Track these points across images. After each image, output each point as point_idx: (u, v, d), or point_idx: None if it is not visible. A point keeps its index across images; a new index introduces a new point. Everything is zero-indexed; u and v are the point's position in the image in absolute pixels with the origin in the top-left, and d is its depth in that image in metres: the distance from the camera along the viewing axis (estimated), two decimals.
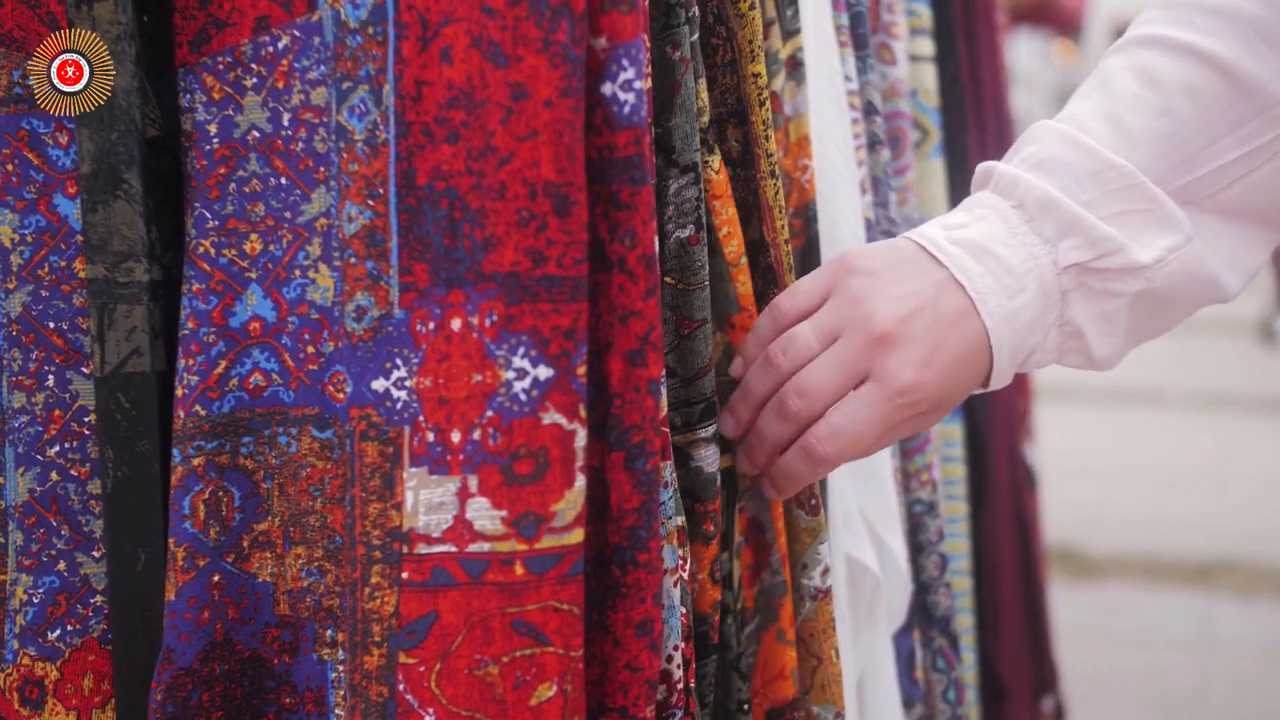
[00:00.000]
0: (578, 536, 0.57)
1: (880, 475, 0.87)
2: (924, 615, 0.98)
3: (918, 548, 0.96)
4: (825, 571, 0.73)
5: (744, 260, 0.68)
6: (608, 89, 0.57)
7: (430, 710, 0.57)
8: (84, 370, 0.64)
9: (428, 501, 0.58)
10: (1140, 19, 0.70)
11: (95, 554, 0.65)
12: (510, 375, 0.57)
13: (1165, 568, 3.19)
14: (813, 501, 0.72)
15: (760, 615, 0.70)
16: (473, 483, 0.57)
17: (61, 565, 0.64)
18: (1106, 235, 0.65)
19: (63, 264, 0.63)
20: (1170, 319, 0.69)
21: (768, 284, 0.72)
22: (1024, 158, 0.68)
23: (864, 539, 0.84)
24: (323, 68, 0.61)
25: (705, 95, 0.66)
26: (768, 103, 0.70)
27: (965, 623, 1.12)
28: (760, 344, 0.69)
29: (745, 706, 0.68)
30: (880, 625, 0.87)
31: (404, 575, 0.58)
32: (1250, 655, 2.70)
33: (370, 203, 0.59)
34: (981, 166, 0.70)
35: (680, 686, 0.64)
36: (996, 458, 1.22)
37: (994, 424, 1.22)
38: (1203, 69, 0.65)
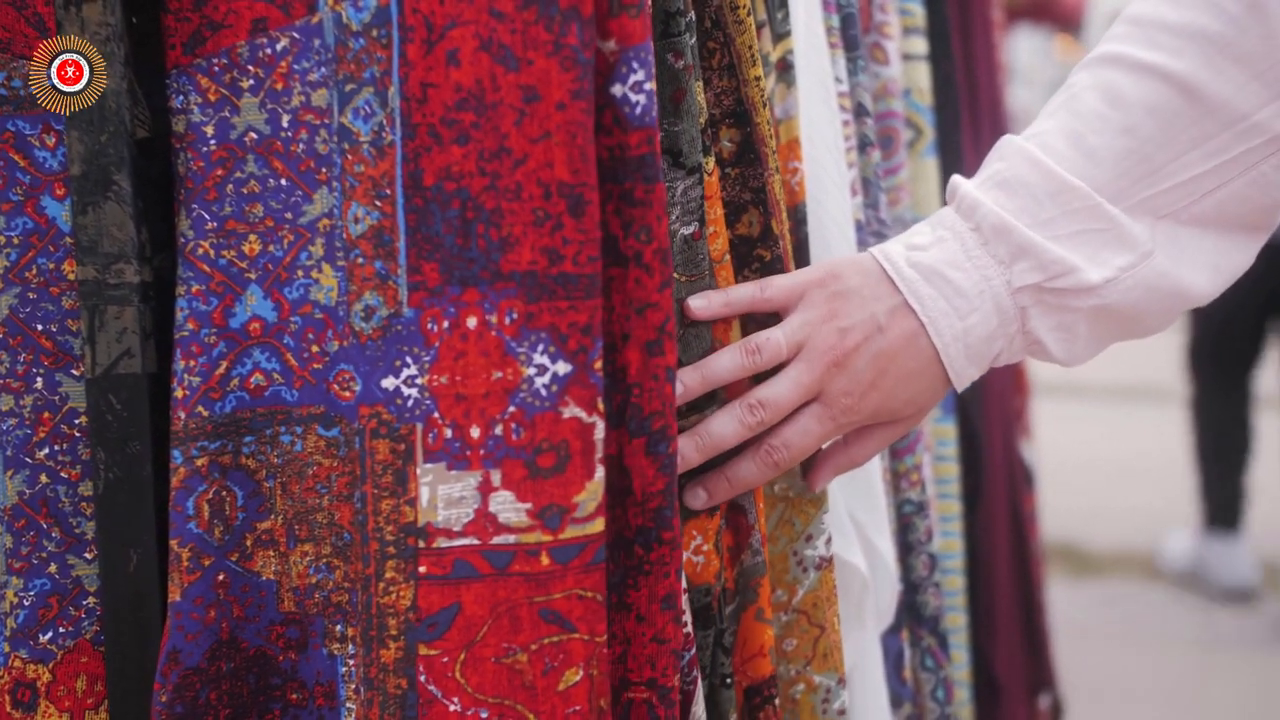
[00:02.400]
0: (599, 526, 0.59)
1: (870, 477, 0.88)
2: (913, 615, 0.98)
3: (907, 548, 0.96)
4: (829, 540, 0.76)
5: (727, 258, 0.71)
6: (618, 90, 0.59)
7: (455, 699, 0.59)
8: (73, 372, 0.64)
9: (446, 496, 0.59)
10: (1110, 34, 0.72)
11: (87, 556, 0.65)
12: (531, 371, 0.58)
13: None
14: None
15: (740, 595, 0.72)
16: (495, 477, 0.59)
17: (53, 568, 0.65)
18: (1057, 259, 0.69)
19: (51, 266, 0.64)
20: (1144, 326, 0.73)
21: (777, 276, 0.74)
22: (990, 175, 0.73)
23: (852, 540, 0.85)
24: (323, 70, 0.62)
25: (702, 98, 0.68)
26: (770, 104, 0.72)
27: (958, 621, 1.12)
28: (732, 306, 0.72)
29: (728, 680, 0.70)
30: (868, 625, 0.87)
31: (421, 569, 0.60)
32: (1250, 651, 2.70)
33: (378, 203, 0.60)
34: (953, 181, 0.74)
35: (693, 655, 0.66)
36: (991, 456, 1.22)
37: (989, 422, 1.22)
38: (1164, 88, 0.68)
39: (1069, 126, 0.71)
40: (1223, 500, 3.09)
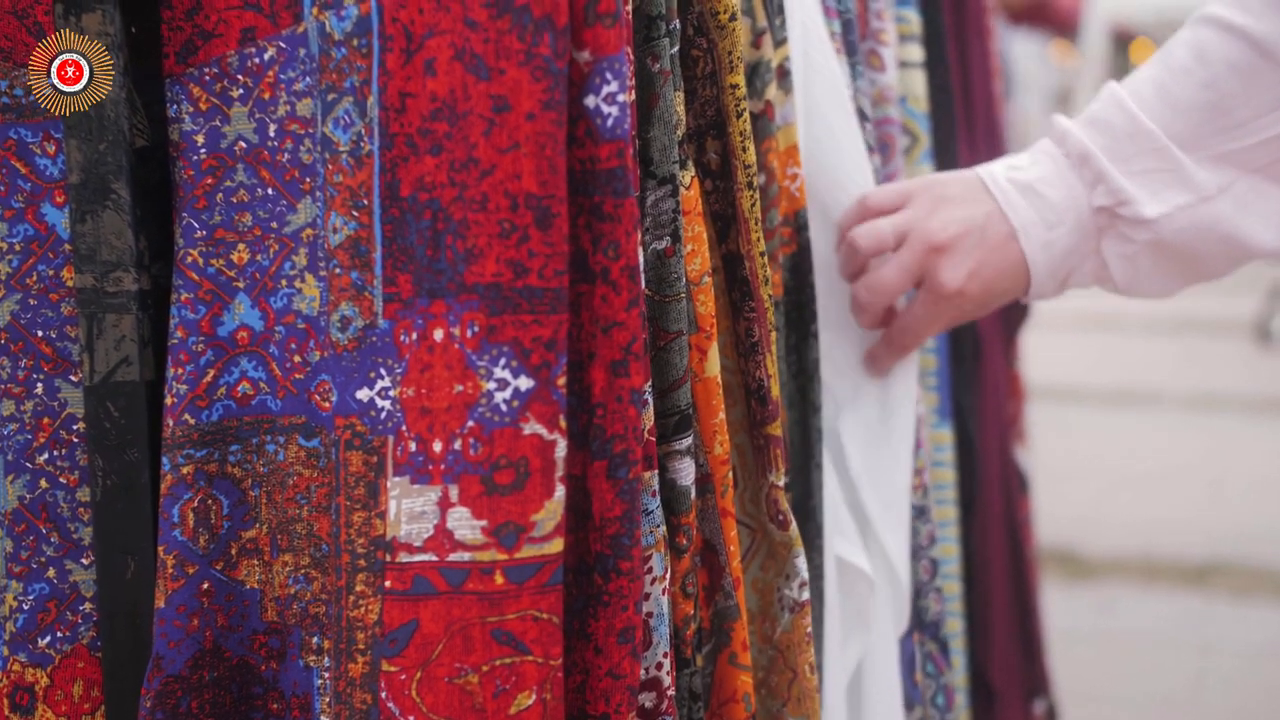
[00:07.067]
0: (557, 546, 0.57)
1: (894, 472, 0.87)
2: (915, 619, 0.98)
3: (909, 552, 0.96)
4: (803, 585, 0.75)
5: (706, 279, 0.69)
6: (590, 102, 0.58)
7: (411, 718, 0.57)
8: (72, 378, 0.64)
9: (409, 510, 0.58)
10: None
11: (84, 561, 0.65)
12: (491, 386, 0.57)
13: (1162, 569, 3.19)
14: (780, 517, 0.75)
15: (715, 637, 0.71)
16: (453, 492, 0.57)
17: (51, 572, 0.65)
18: (1122, 188, 0.79)
19: (51, 273, 0.64)
20: (1203, 267, 0.81)
21: (744, 296, 0.72)
22: (1086, 114, 0.83)
23: (855, 541, 0.85)
24: (308, 79, 0.62)
25: (681, 108, 0.66)
26: (745, 114, 0.70)
27: (955, 626, 1.12)
28: (843, 226, 0.83)
29: None
30: (873, 627, 0.86)
31: (387, 584, 0.58)
32: (1246, 656, 2.70)
33: (355, 214, 0.59)
34: (1054, 117, 0.85)
35: (670, 694, 0.64)
36: (986, 462, 1.22)
37: (984, 429, 1.22)
38: (1244, 48, 0.76)
39: (1159, 76, 0.80)
40: None
